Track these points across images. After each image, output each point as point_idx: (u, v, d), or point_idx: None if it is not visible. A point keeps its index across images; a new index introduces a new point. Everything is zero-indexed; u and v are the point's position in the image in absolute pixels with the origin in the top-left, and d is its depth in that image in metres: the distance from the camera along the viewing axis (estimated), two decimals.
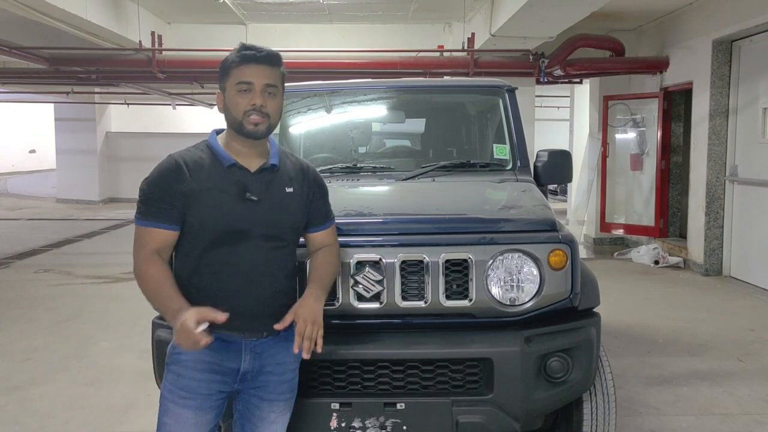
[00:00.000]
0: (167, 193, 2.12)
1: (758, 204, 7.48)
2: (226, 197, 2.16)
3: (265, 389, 2.25)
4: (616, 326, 5.76)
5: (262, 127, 2.17)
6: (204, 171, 2.16)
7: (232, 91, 2.17)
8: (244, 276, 2.17)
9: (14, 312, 6.48)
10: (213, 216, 2.13)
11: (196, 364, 2.14)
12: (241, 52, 2.17)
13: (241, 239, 2.16)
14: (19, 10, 6.64)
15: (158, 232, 2.13)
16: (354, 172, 3.64)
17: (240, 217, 2.16)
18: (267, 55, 2.17)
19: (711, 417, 3.93)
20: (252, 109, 2.13)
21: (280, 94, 2.22)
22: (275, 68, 2.19)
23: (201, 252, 2.16)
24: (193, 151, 2.23)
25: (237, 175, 2.19)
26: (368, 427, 2.52)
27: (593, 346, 2.68)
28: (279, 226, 2.24)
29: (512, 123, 3.83)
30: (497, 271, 2.60)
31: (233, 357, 2.18)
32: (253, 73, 2.14)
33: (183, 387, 2.15)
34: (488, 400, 2.53)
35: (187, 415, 2.15)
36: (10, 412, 4.09)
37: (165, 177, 2.14)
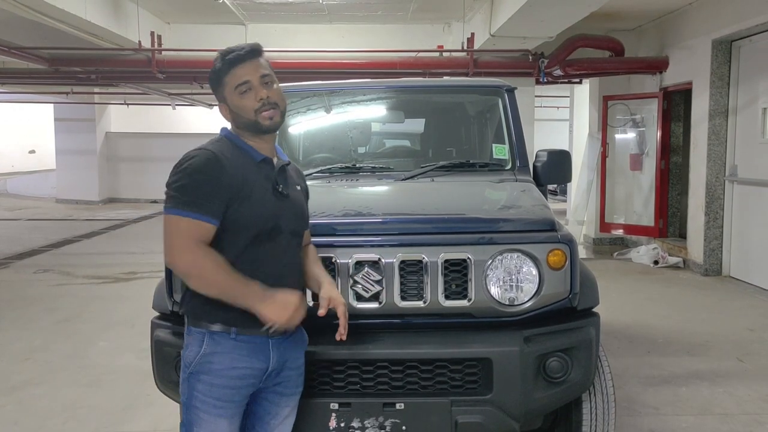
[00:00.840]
0: (214, 184, 2.05)
1: (758, 204, 7.48)
2: (265, 192, 2.17)
3: (286, 384, 2.28)
4: (616, 326, 5.76)
5: (277, 119, 2.19)
6: (242, 167, 2.14)
7: (233, 96, 2.17)
8: (277, 272, 2.18)
9: (13, 312, 6.48)
10: (258, 211, 2.13)
11: (230, 371, 2.11)
12: (226, 58, 2.17)
13: (276, 235, 2.18)
14: (19, 11, 6.64)
15: (201, 225, 2.03)
16: (353, 172, 3.63)
17: (276, 211, 2.18)
18: (250, 50, 2.18)
19: (710, 417, 3.93)
20: (261, 104, 2.14)
21: (275, 80, 2.23)
22: (260, 58, 2.20)
23: (242, 248, 2.11)
24: (219, 145, 2.17)
25: (266, 170, 2.21)
26: (367, 427, 2.52)
27: (592, 345, 2.67)
28: (301, 221, 2.31)
29: (511, 123, 3.83)
30: (496, 271, 2.60)
31: (263, 357, 2.17)
32: (245, 72, 2.15)
33: (219, 396, 2.11)
34: (487, 400, 2.53)
35: (223, 425, 2.13)
36: (9, 412, 4.09)
37: (209, 167, 2.06)
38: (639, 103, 9.77)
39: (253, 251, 2.14)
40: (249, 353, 2.13)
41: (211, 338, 2.12)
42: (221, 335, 2.12)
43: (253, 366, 2.15)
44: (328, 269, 2.57)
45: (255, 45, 2.21)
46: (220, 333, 2.12)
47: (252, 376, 2.16)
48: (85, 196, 17.25)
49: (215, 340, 2.12)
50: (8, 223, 14.01)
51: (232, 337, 2.11)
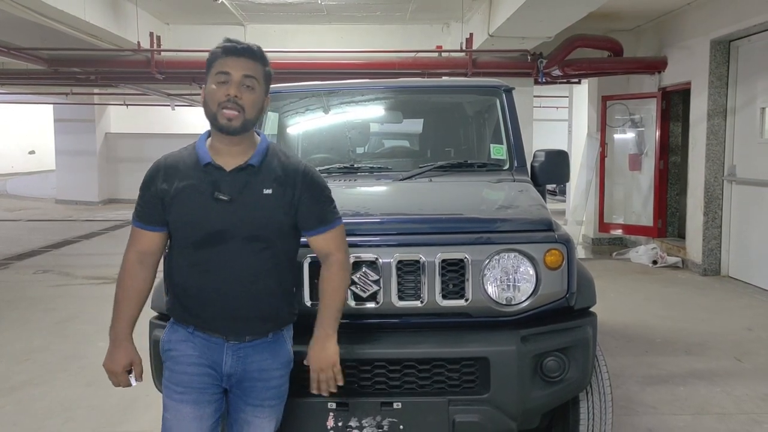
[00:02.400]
0: (147, 194, 2.21)
1: (756, 204, 7.49)
2: (199, 196, 2.14)
3: (250, 395, 2.23)
4: (614, 326, 5.77)
5: (236, 123, 2.10)
6: (180, 171, 2.17)
7: (211, 82, 2.14)
8: (227, 277, 2.15)
9: (13, 313, 6.49)
10: (189, 215, 2.15)
11: (186, 358, 2.19)
12: (223, 45, 2.17)
13: (223, 240, 2.14)
14: (18, 12, 6.65)
15: (143, 233, 2.23)
16: (351, 173, 3.64)
17: (215, 216, 2.13)
18: (248, 47, 2.15)
19: (708, 416, 3.94)
20: (226, 100, 2.09)
21: (260, 90, 2.17)
22: (256, 62, 2.15)
23: (188, 252, 2.17)
24: (179, 151, 2.26)
25: (212, 175, 2.16)
26: (365, 426, 2.54)
27: (589, 345, 2.69)
28: (260, 228, 2.17)
29: (509, 123, 3.84)
30: (493, 271, 2.61)
31: (215, 358, 2.20)
32: (231, 64, 2.12)
33: (178, 382, 2.18)
34: (485, 400, 2.54)
35: (186, 409, 2.17)
36: (9, 413, 4.10)
37: (146, 179, 2.22)
38: (638, 103, 9.78)
39: (198, 255, 2.16)
40: (201, 350, 2.20)
41: (172, 327, 2.27)
42: (180, 325, 2.24)
43: (209, 358, 2.20)
44: None
45: (257, 49, 2.18)
46: (179, 323, 2.24)
47: (208, 366, 2.19)
48: (85, 197, 17.24)
49: (174, 328, 2.25)
50: (8, 223, 14.01)
51: (189, 330, 2.21)
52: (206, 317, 2.18)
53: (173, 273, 2.22)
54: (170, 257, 2.25)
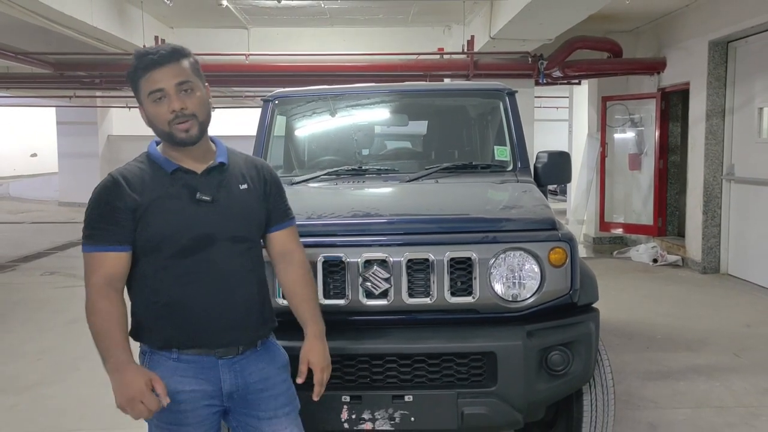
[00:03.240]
0: (110, 212, 1.97)
1: (755, 202, 7.59)
2: (177, 202, 2.02)
3: (259, 407, 2.12)
4: (615, 323, 5.86)
5: (194, 131, 2.01)
6: (146, 182, 2.02)
7: (147, 103, 1.99)
8: (216, 284, 2.04)
9: (22, 314, 6.59)
10: (171, 224, 2.00)
11: (175, 395, 1.96)
12: (141, 60, 1.98)
13: (208, 245, 2.03)
14: (27, 17, 6.75)
15: (108, 256, 1.96)
16: (359, 175, 3.74)
17: (199, 220, 2.03)
18: (167, 53, 1.98)
19: (707, 410, 4.04)
20: (174, 117, 1.97)
21: (198, 86, 2.03)
22: (181, 63, 2.00)
23: (166, 265, 2.01)
24: (133, 164, 2.09)
25: (184, 179, 2.05)
26: (377, 418, 2.63)
27: (592, 339, 2.78)
28: (244, 226, 2.12)
29: (512, 125, 3.93)
30: (500, 269, 2.70)
31: (212, 379, 2.04)
32: (159, 78, 1.96)
33: (169, 420, 2.00)
34: (492, 392, 2.64)
35: None
36: (24, 411, 4.20)
37: (104, 196, 1.99)
38: (637, 103, 9.88)
39: (180, 266, 2.01)
40: (194, 374, 2.02)
41: (150, 359, 2.04)
42: (161, 355, 2.03)
43: (203, 388, 2.03)
44: (338, 268, 2.69)
45: (176, 47, 2.02)
46: (159, 353, 2.03)
47: (204, 398, 2.04)
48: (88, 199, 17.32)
49: (155, 360, 2.03)
50: (12, 226, 14.11)
51: (174, 357, 2.02)
52: (195, 332, 2.02)
53: (151, 293, 2.03)
54: (139, 279, 2.04)
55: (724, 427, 3.81)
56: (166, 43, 2.07)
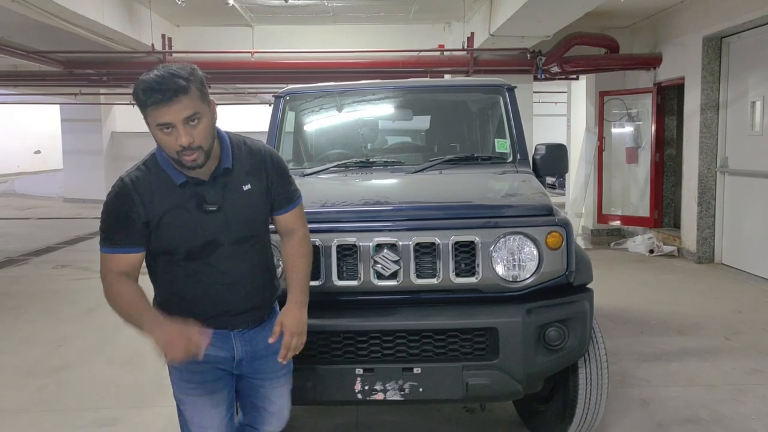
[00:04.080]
0: (123, 221, 2.14)
1: (748, 194, 7.81)
2: (187, 213, 2.18)
3: (264, 371, 2.41)
4: (612, 310, 6.09)
5: (200, 160, 2.12)
6: (156, 195, 2.16)
7: (155, 130, 2.09)
8: (224, 280, 2.26)
9: (39, 304, 6.81)
10: (181, 234, 2.18)
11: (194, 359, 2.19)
12: (149, 97, 2.02)
13: (215, 248, 2.22)
14: (41, 17, 6.96)
15: (122, 257, 2.17)
16: (367, 167, 3.96)
17: (206, 228, 2.20)
18: (173, 89, 2.02)
19: (697, 387, 4.27)
20: (182, 149, 2.07)
21: (205, 113, 2.12)
22: (188, 95, 2.05)
23: (180, 264, 2.23)
24: (143, 172, 2.20)
25: (192, 188, 2.19)
26: (388, 389, 2.86)
27: (587, 317, 3.01)
28: (248, 227, 2.28)
29: (512, 119, 4.16)
30: (501, 252, 2.93)
31: (226, 347, 2.31)
32: (168, 114, 2.03)
33: (189, 380, 2.30)
34: (494, 365, 2.86)
35: (203, 401, 2.33)
36: (51, 392, 4.43)
37: (118, 206, 2.15)
38: (634, 98, 10.09)
39: (191, 266, 2.23)
40: (213, 342, 2.22)
41: None
42: None
43: (217, 354, 2.29)
44: (351, 252, 2.91)
45: (185, 80, 2.04)
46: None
47: (217, 362, 2.31)
48: (93, 195, 17.52)
49: None
50: (20, 221, 14.34)
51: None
52: (207, 318, 2.24)
53: (165, 283, 2.27)
54: (157, 272, 2.28)
55: (713, 402, 4.04)
56: (170, 71, 2.05)
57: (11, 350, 5.35)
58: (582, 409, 3.24)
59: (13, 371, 4.84)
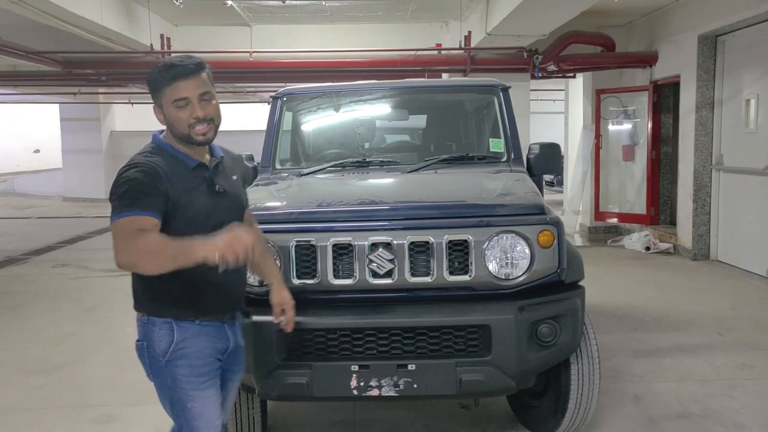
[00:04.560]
0: (153, 189, 2.18)
1: (743, 191, 7.87)
2: (201, 196, 2.32)
3: (236, 363, 2.55)
4: (607, 307, 6.13)
5: (211, 134, 2.32)
6: (175, 177, 2.26)
7: (170, 108, 2.26)
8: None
9: (40, 303, 6.87)
10: (197, 216, 2.29)
11: (203, 351, 2.34)
12: (170, 71, 2.24)
13: (220, 230, 2.26)
14: (39, 17, 7.00)
15: (143, 219, 2.14)
16: (364, 166, 4.01)
17: (216, 209, 2.35)
18: (194, 65, 2.26)
19: (690, 382, 4.33)
20: (195, 121, 2.25)
21: (215, 95, 2.35)
22: (203, 75, 2.29)
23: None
24: (154, 157, 2.28)
25: (202, 174, 2.36)
26: (383, 385, 2.91)
27: (578, 313, 3.07)
28: (239, 212, 2.50)
29: (506, 119, 4.21)
30: (493, 250, 2.98)
31: (223, 339, 2.43)
32: (185, 88, 2.24)
33: (201, 374, 2.35)
34: (487, 361, 2.92)
35: (211, 393, 2.39)
36: (52, 389, 4.49)
37: (146, 177, 2.19)
38: (630, 96, 10.13)
39: None
40: (213, 334, 2.38)
41: (179, 326, 2.31)
42: (185, 322, 2.32)
43: (217, 346, 2.41)
44: (346, 250, 2.96)
45: (198, 61, 2.29)
46: (183, 322, 2.32)
47: (218, 353, 2.42)
48: (92, 194, 17.59)
49: (183, 327, 2.32)
50: (20, 221, 14.39)
51: (197, 323, 2.34)
52: (210, 305, 2.37)
53: (172, 275, 2.20)
54: None
55: (705, 397, 4.10)
56: (188, 56, 2.31)
57: (11, 348, 5.41)
58: (574, 404, 3.31)
59: (14, 369, 4.91)
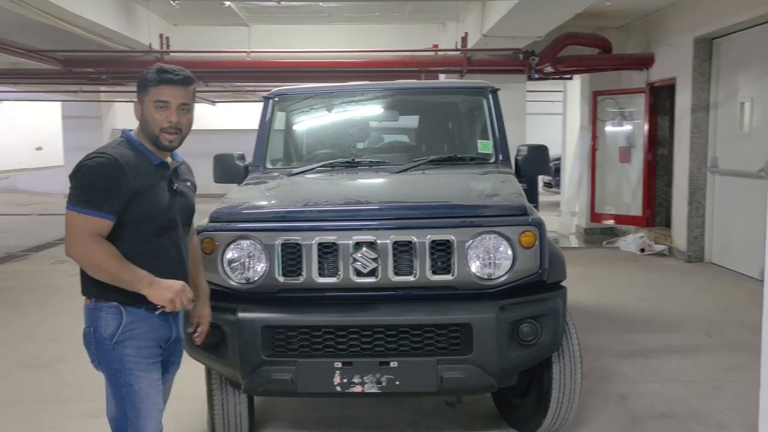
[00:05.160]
0: (113, 186, 2.32)
1: (737, 194, 7.91)
2: (162, 191, 2.48)
3: (177, 353, 2.67)
4: (598, 308, 6.17)
5: (176, 143, 2.50)
6: (140, 170, 2.41)
7: (150, 106, 2.44)
8: (176, 258, 2.55)
9: (37, 299, 6.93)
10: (157, 209, 2.45)
11: (149, 333, 2.44)
12: (161, 74, 2.43)
13: (174, 226, 2.54)
14: (39, 16, 7.06)
15: (100, 222, 2.31)
16: (353, 166, 4.07)
17: (172, 207, 2.52)
18: (183, 77, 2.45)
19: (675, 383, 4.38)
20: (168, 126, 2.43)
21: (191, 110, 2.53)
22: (189, 88, 2.48)
23: (148, 239, 2.44)
24: (122, 149, 2.43)
25: (163, 172, 2.52)
26: (366, 382, 2.96)
27: (559, 313, 3.12)
28: (190, 214, 2.68)
29: (495, 121, 4.26)
30: (476, 250, 3.04)
31: (166, 327, 2.53)
32: (169, 93, 2.42)
33: (148, 355, 2.44)
34: (468, 359, 2.97)
35: (155, 375, 2.49)
36: (45, 384, 4.55)
37: (109, 171, 2.32)
38: (627, 97, 10.18)
39: (157, 242, 2.47)
40: (158, 323, 2.48)
41: (126, 310, 2.41)
42: (133, 308, 2.41)
43: (162, 333, 2.51)
44: (331, 249, 3.01)
45: (189, 76, 2.48)
46: (131, 307, 2.41)
47: (162, 340, 2.52)
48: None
49: (131, 311, 2.41)
50: (21, 218, 14.47)
51: (143, 309, 2.43)
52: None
53: (131, 258, 2.37)
54: (124, 245, 2.38)
55: (690, 398, 4.15)
56: (183, 69, 2.48)
57: (8, 343, 5.47)
58: (556, 403, 3.36)
59: (9, 364, 4.97)
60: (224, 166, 4.22)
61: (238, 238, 3.07)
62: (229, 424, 3.44)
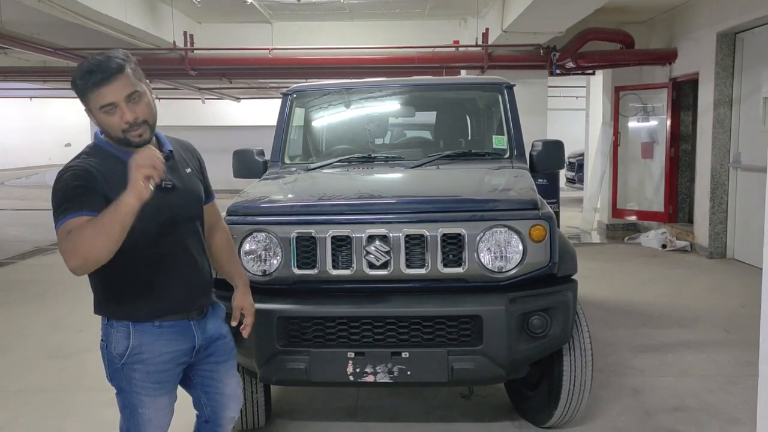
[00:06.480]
0: (92, 188, 2.10)
1: (760, 189, 7.81)
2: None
3: (218, 354, 2.49)
4: (617, 303, 6.17)
5: (146, 135, 2.18)
6: (115, 175, 2.12)
7: (99, 114, 2.13)
8: (184, 260, 2.34)
9: (64, 292, 7.11)
10: (144, 216, 2.06)
11: (161, 357, 2.28)
12: (90, 78, 2.09)
13: (173, 226, 2.29)
14: (66, 15, 7.24)
15: (78, 220, 2.03)
16: (369, 161, 4.14)
17: (164, 206, 2.23)
18: (115, 67, 2.09)
19: (690, 377, 4.39)
20: (128, 126, 2.13)
21: (144, 92, 2.17)
22: (125, 74, 2.11)
23: (144, 249, 2.22)
24: (92, 160, 2.18)
25: None
26: (378, 372, 3.04)
27: (569, 306, 3.16)
28: (196, 205, 2.42)
29: (510, 116, 4.30)
30: (487, 243, 3.09)
31: (188, 339, 2.36)
32: (109, 93, 2.10)
33: (156, 380, 2.29)
34: (478, 351, 3.03)
35: (165, 401, 2.36)
36: (70, 373, 4.70)
37: (81, 177, 2.11)
38: (649, 93, 10.09)
39: (155, 249, 2.25)
40: (175, 337, 2.31)
41: (135, 329, 2.25)
42: (145, 325, 2.26)
43: (181, 348, 2.34)
44: (345, 242, 3.09)
45: (117, 59, 2.12)
46: (143, 323, 2.26)
47: (182, 355, 2.35)
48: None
49: (140, 330, 2.25)
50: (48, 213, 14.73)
51: (156, 325, 2.27)
52: (173, 302, 2.31)
53: (130, 275, 2.23)
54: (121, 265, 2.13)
55: (703, 392, 4.16)
56: (105, 55, 2.13)
57: (35, 334, 5.64)
58: (567, 394, 3.40)
59: (37, 353, 5.13)
60: (243, 162, 4.30)
61: (254, 231, 3.15)
62: (246, 412, 3.54)
